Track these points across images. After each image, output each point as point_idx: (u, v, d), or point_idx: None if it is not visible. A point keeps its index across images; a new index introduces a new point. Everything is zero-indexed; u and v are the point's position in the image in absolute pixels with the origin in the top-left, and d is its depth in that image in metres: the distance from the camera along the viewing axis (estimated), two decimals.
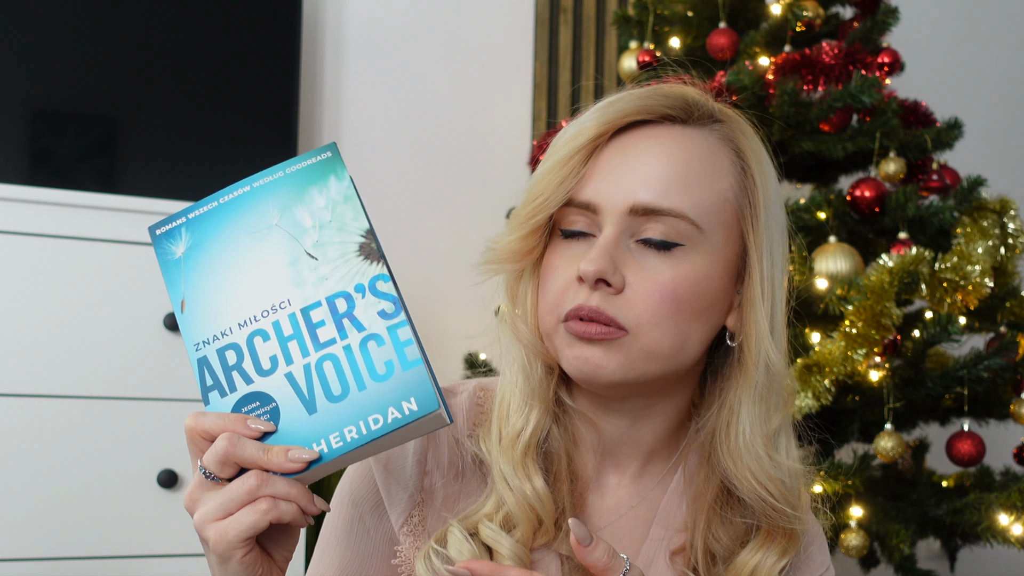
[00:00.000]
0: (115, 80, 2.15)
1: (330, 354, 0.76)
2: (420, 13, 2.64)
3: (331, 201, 0.79)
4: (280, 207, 0.79)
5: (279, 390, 0.76)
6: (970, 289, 1.80)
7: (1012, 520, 1.71)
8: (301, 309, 0.77)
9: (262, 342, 0.77)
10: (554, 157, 0.89)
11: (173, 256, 0.80)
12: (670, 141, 0.89)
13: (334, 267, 0.78)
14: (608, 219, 0.86)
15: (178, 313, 0.79)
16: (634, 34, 2.27)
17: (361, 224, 0.78)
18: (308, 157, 0.80)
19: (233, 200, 0.80)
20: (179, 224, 0.80)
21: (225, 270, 0.79)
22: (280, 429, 0.75)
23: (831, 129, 1.98)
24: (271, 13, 2.29)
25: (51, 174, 2.09)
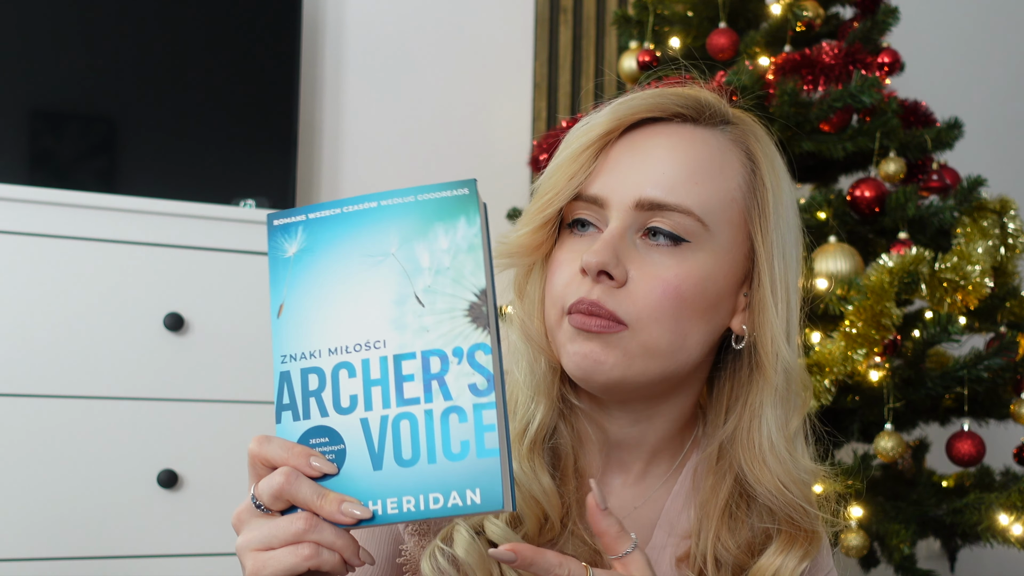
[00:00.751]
0: (115, 80, 2.15)
1: (410, 414, 0.72)
2: (420, 13, 2.64)
3: (455, 246, 0.74)
4: (401, 236, 0.74)
5: (351, 433, 0.73)
6: (970, 289, 1.80)
7: (1012, 520, 1.71)
8: (394, 355, 0.73)
9: (347, 377, 0.74)
10: (566, 152, 0.90)
11: (284, 253, 0.77)
12: (680, 139, 0.89)
13: (438, 320, 0.73)
14: (614, 213, 0.87)
15: (274, 317, 0.77)
16: (634, 34, 2.27)
17: (478, 281, 0.73)
18: (443, 188, 0.75)
19: (357, 213, 0.75)
20: (298, 221, 0.77)
21: (330, 286, 0.75)
22: (341, 473, 0.72)
23: (831, 129, 1.98)
24: (271, 14, 2.29)
25: (51, 174, 2.09)
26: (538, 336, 0.92)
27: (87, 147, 2.14)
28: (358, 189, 2.54)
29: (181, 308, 1.91)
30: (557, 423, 0.92)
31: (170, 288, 1.91)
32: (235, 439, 1.92)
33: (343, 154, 2.54)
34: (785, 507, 0.89)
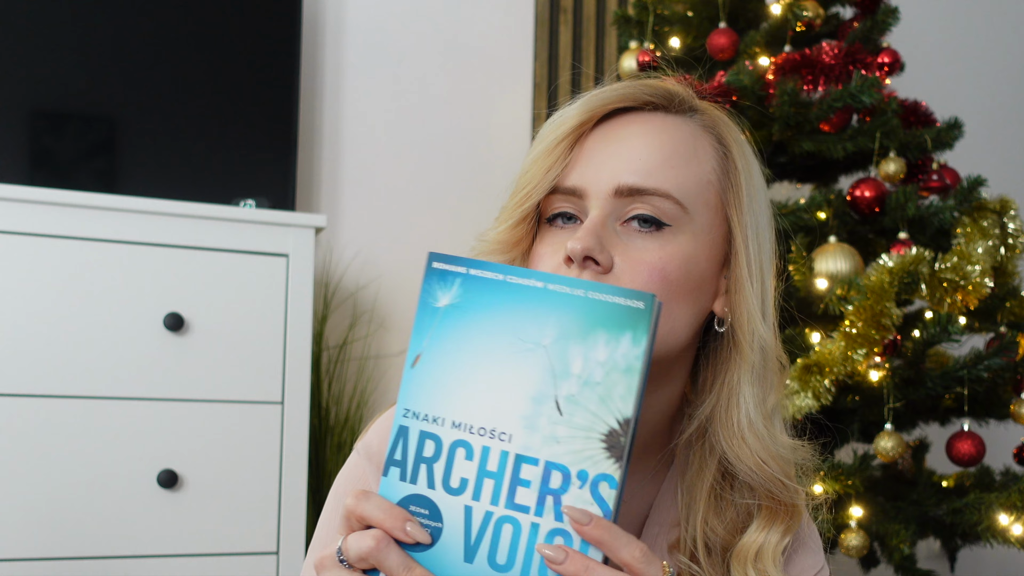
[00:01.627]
0: (115, 80, 2.15)
1: (516, 520, 0.69)
2: (420, 13, 2.64)
3: (612, 361, 0.69)
4: (559, 329, 0.70)
5: (452, 515, 0.70)
6: (970, 289, 1.80)
7: (1012, 520, 1.71)
8: (517, 454, 0.69)
9: (463, 457, 0.70)
10: (539, 146, 0.90)
11: (435, 301, 0.73)
12: (652, 126, 0.90)
13: (572, 436, 0.69)
14: (594, 202, 0.87)
15: (408, 366, 0.73)
16: (634, 34, 2.27)
17: (625, 408, 0.68)
18: (618, 293, 0.69)
19: (519, 287, 0.71)
20: (457, 272, 0.73)
21: (472, 355, 0.71)
22: (432, 551, 0.70)
23: (831, 129, 1.98)
24: (271, 13, 2.29)
25: (51, 174, 2.09)
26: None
27: (87, 147, 2.14)
28: (358, 189, 2.54)
29: (181, 308, 1.91)
30: None
31: (170, 288, 1.91)
32: (235, 439, 1.92)
33: (343, 154, 2.54)
34: (765, 483, 0.90)
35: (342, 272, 2.49)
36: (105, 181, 2.13)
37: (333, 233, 2.49)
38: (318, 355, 2.34)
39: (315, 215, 2.03)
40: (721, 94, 1.93)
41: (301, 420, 1.97)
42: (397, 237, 2.54)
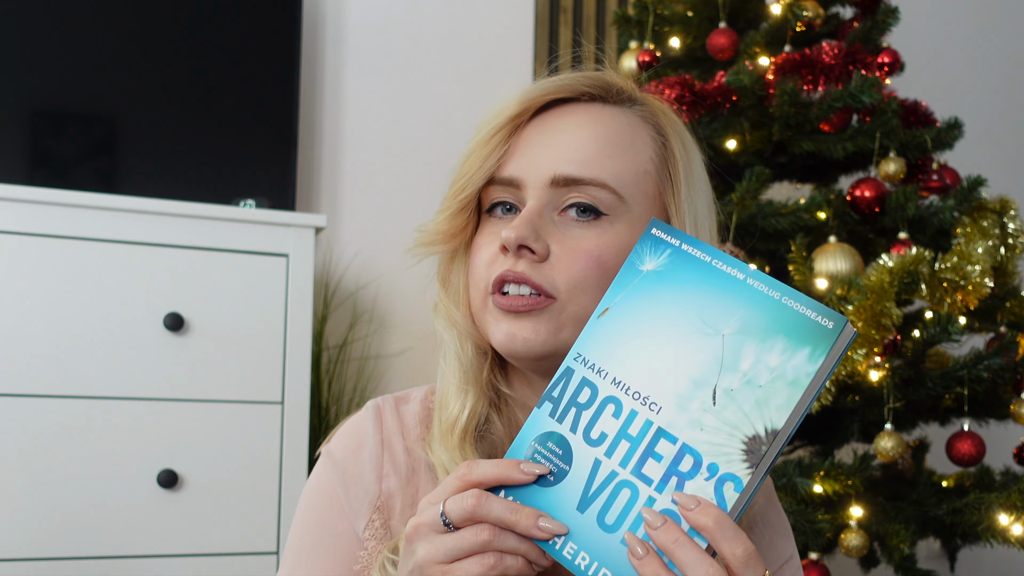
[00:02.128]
0: (115, 80, 2.15)
1: (635, 487, 0.71)
2: (420, 13, 2.64)
3: (782, 369, 0.69)
4: (742, 323, 0.71)
5: (582, 462, 0.73)
6: (970, 289, 1.80)
7: (1012, 520, 1.71)
8: (659, 427, 0.71)
9: (611, 414, 0.73)
10: (477, 137, 0.91)
11: (642, 264, 0.77)
12: (590, 116, 0.91)
13: (717, 428, 0.70)
14: (531, 192, 0.88)
15: (594, 316, 0.76)
16: (634, 34, 2.27)
17: (777, 419, 0.68)
18: (813, 307, 0.70)
19: (721, 273, 0.73)
20: (670, 243, 0.76)
21: (654, 324, 0.74)
22: (552, 490, 0.72)
23: (831, 129, 1.98)
24: (271, 13, 2.29)
25: (51, 174, 2.10)
26: (465, 322, 0.92)
27: (87, 147, 2.14)
28: (358, 189, 2.54)
29: (181, 308, 1.91)
30: (489, 413, 0.93)
31: (170, 288, 1.91)
32: (235, 439, 1.92)
33: (343, 154, 2.54)
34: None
35: (342, 272, 2.49)
36: (105, 181, 2.13)
37: (333, 233, 2.49)
38: (318, 355, 2.34)
39: (315, 215, 2.03)
40: (721, 94, 1.94)
41: (301, 420, 1.97)
42: (397, 237, 2.54)
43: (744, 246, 1.93)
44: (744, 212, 1.88)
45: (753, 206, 1.88)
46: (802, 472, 1.73)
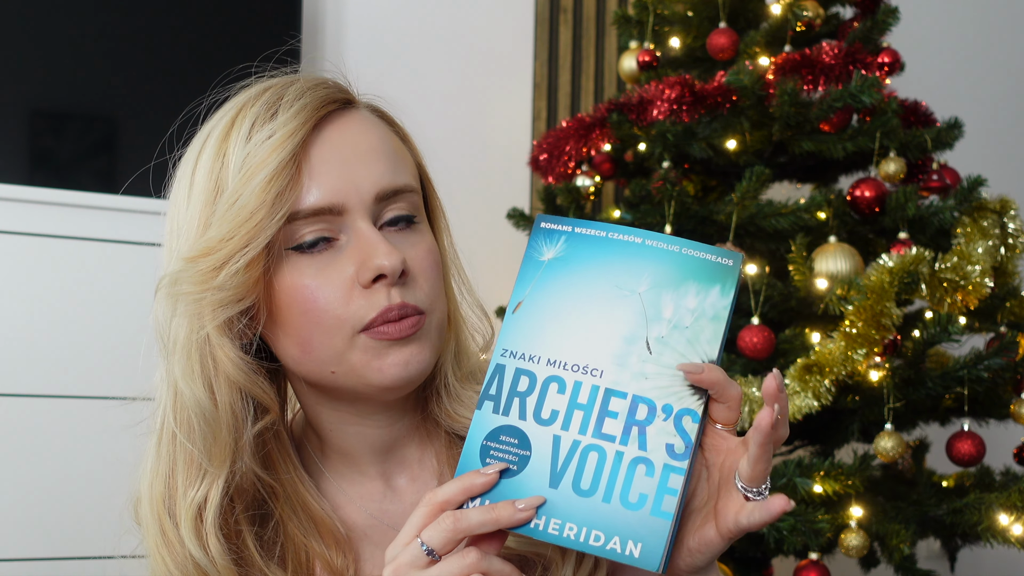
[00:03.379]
0: (115, 80, 2.15)
1: (601, 448, 0.73)
2: (420, 13, 2.64)
3: (700, 309, 0.75)
4: (653, 279, 0.76)
5: (541, 444, 0.74)
6: (970, 289, 1.80)
7: (1012, 520, 1.71)
8: (606, 388, 0.74)
9: (556, 391, 0.75)
10: (262, 172, 0.80)
11: (540, 256, 0.79)
12: (364, 124, 0.89)
13: (659, 372, 0.74)
14: (357, 214, 0.83)
15: (509, 311, 0.78)
16: (634, 34, 2.27)
17: (711, 351, 0.74)
18: (710, 251, 0.77)
19: (619, 242, 0.77)
20: (563, 230, 0.79)
21: (571, 301, 0.77)
22: (517, 478, 0.74)
23: (831, 129, 1.98)
24: (271, 13, 2.29)
25: (51, 174, 2.10)
26: (246, 374, 0.83)
27: (87, 147, 2.14)
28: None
29: None
30: (256, 487, 0.87)
31: None
32: None
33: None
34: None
35: None
36: (105, 181, 2.13)
37: None
38: None
39: None
40: (721, 94, 1.94)
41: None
42: None
43: (744, 246, 1.93)
44: (744, 212, 1.88)
45: (753, 206, 1.88)
46: (802, 472, 1.73)
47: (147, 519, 0.90)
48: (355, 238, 0.83)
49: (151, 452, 0.91)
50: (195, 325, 0.82)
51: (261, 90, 0.90)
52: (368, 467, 0.92)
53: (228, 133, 0.86)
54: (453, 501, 0.73)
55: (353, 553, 0.90)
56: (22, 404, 1.80)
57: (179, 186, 0.90)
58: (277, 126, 0.83)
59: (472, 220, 2.56)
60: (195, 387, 0.82)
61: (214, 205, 0.83)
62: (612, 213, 2.04)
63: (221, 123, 0.88)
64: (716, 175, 2.14)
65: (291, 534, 0.88)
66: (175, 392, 0.85)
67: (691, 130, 1.96)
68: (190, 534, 0.83)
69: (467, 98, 2.65)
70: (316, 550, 0.88)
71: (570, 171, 2.13)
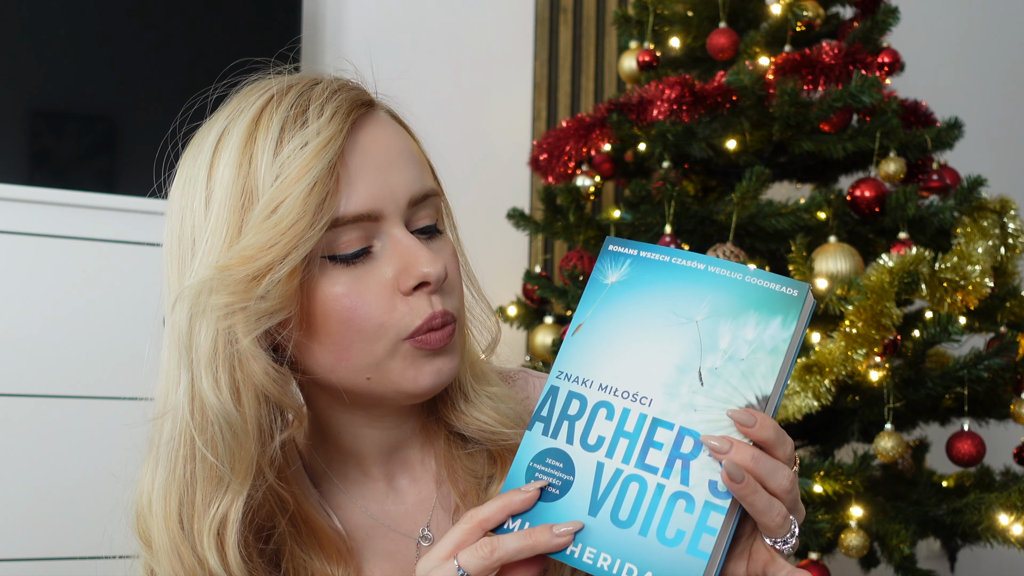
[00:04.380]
0: (115, 80, 2.15)
1: (643, 479, 0.72)
2: (420, 13, 2.64)
3: (759, 341, 0.72)
4: (712, 307, 0.74)
5: (584, 470, 0.73)
6: (970, 289, 1.80)
7: (1012, 520, 1.71)
8: (654, 418, 0.73)
9: (604, 417, 0.74)
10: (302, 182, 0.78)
11: (605, 279, 0.78)
12: (389, 127, 0.89)
13: (709, 406, 0.72)
14: (394, 220, 0.82)
15: (569, 334, 0.77)
16: (634, 34, 2.27)
17: (766, 386, 0.71)
18: (776, 280, 0.73)
19: (683, 268, 0.75)
20: (629, 254, 0.78)
21: (629, 327, 0.75)
22: (559, 503, 0.73)
23: (831, 129, 1.98)
24: (271, 13, 2.29)
25: (51, 174, 2.09)
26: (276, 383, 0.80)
27: (87, 147, 2.14)
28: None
29: None
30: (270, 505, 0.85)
31: None
32: None
33: None
34: (488, 436, 0.90)
35: None
36: (105, 181, 2.13)
37: None
38: None
39: None
40: (721, 94, 1.94)
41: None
42: None
43: (743, 246, 1.93)
44: (744, 212, 1.88)
45: (753, 206, 1.88)
46: (802, 472, 1.73)
47: (158, 536, 0.87)
48: (391, 244, 0.82)
49: (161, 465, 0.87)
50: (226, 336, 0.79)
51: (282, 90, 0.87)
52: (372, 467, 0.92)
53: (253, 135, 0.83)
54: (493, 520, 0.73)
55: (355, 563, 0.89)
56: (22, 404, 1.80)
57: (189, 188, 0.86)
58: (310, 134, 0.80)
59: (472, 220, 2.55)
60: (223, 399, 0.79)
61: (243, 212, 0.79)
62: (612, 213, 2.04)
63: (239, 124, 0.85)
64: (716, 175, 2.14)
65: (293, 552, 0.87)
66: (199, 404, 0.80)
67: (691, 130, 1.96)
68: (212, 551, 0.81)
69: (467, 98, 2.65)
70: (317, 567, 0.87)
71: (570, 171, 2.13)
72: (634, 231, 2.01)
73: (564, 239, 2.14)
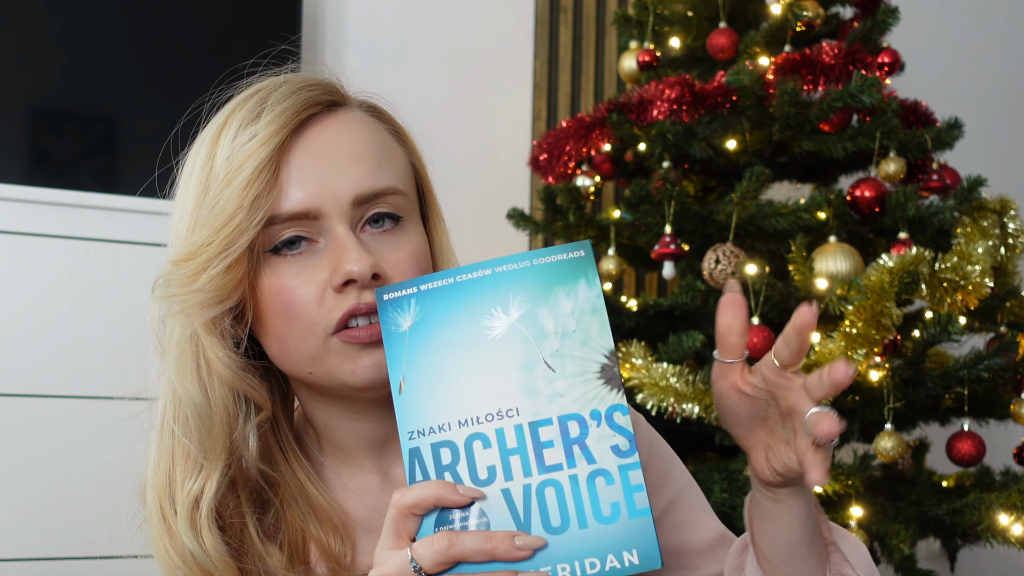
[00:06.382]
0: (115, 80, 2.15)
1: (554, 480, 0.71)
2: (420, 13, 2.64)
3: (578, 308, 0.73)
4: (520, 302, 0.74)
5: (493, 505, 0.71)
6: (970, 289, 1.80)
7: (1012, 520, 1.71)
8: (530, 423, 0.72)
9: (482, 448, 0.72)
10: (239, 177, 0.82)
11: (399, 328, 0.75)
12: (351, 124, 0.89)
13: (571, 384, 0.72)
14: (335, 219, 0.84)
15: (395, 394, 0.74)
16: (634, 34, 2.27)
17: (606, 343, 0.73)
18: (558, 252, 0.74)
19: (471, 281, 0.74)
20: (409, 294, 0.75)
21: (452, 357, 0.74)
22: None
23: (831, 129, 1.98)
24: (271, 13, 2.29)
25: (51, 174, 2.10)
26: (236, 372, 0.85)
27: (87, 147, 2.14)
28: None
29: None
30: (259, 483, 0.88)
31: None
32: None
33: None
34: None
35: None
36: (105, 181, 2.13)
37: None
38: None
39: None
40: (721, 94, 1.93)
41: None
42: None
43: (743, 246, 1.93)
44: (744, 212, 1.88)
45: (753, 206, 1.88)
46: None
47: (151, 508, 0.92)
48: (332, 242, 0.84)
49: (152, 445, 0.93)
50: (186, 325, 0.84)
51: (252, 92, 0.90)
52: (364, 460, 0.93)
53: (218, 136, 0.87)
54: (420, 506, 0.71)
55: (351, 540, 0.91)
56: (22, 404, 1.80)
57: (178, 188, 0.92)
58: (259, 129, 0.84)
59: (472, 220, 2.56)
60: (189, 385, 0.84)
61: (199, 206, 0.85)
62: (612, 213, 2.04)
63: (214, 125, 0.89)
64: (716, 175, 2.14)
65: (288, 519, 0.89)
66: (172, 389, 0.87)
67: (691, 130, 1.96)
68: (185, 525, 0.85)
69: (467, 98, 2.65)
70: (313, 534, 0.89)
71: (570, 171, 2.13)
72: (634, 231, 2.01)
73: (564, 239, 2.14)
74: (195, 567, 0.85)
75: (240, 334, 0.86)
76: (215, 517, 0.85)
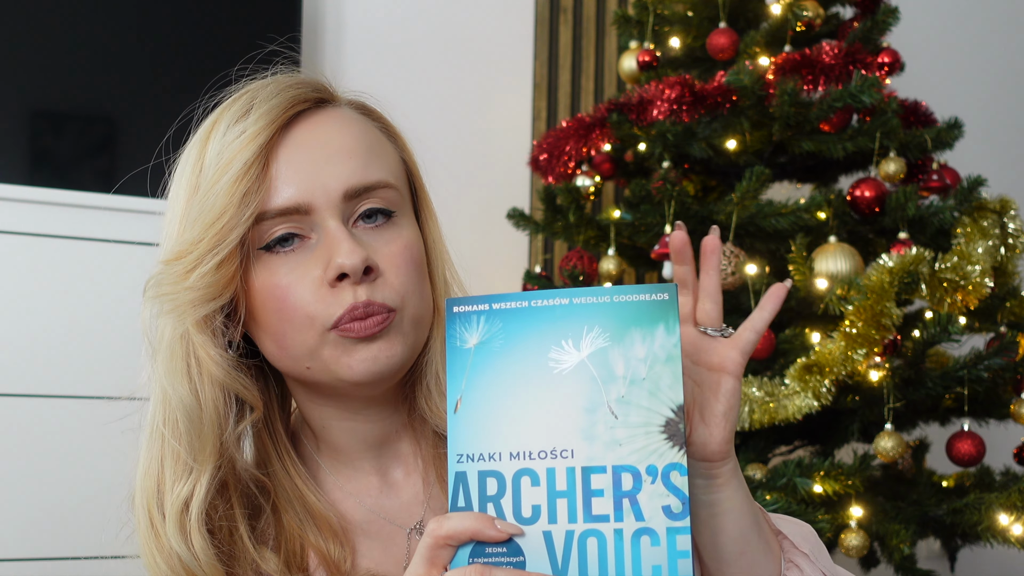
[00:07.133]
0: (115, 80, 2.15)
1: (598, 531, 0.68)
2: (420, 13, 2.64)
3: (652, 355, 0.70)
4: (594, 338, 0.71)
5: (532, 546, 0.68)
6: (970, 289, 1.80)
7: (1012, 520, 1.71)
8: (583, 467, 0.69)
9: (529, 485, 0.69)
10: (227, 174, 0.82)
11: (464, 343, 0.72)
12: (340, 120, 0.89)
13: (632, 435, 0.69)
14: (326, 213, 0.84)
15: (450, 412, 0.71)
16: (634, 34, 2.27)
17: (676, 396, 0.69)
18: (642, 291, 0.70)
19: (546, 308, 0.71)
20: (479, 310, 0.72)
21: (514, 384, 0.71)
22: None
23: (831, 129, 1.98)
24: (271, 13, 2.29)
25: (51, 174, 2.10)
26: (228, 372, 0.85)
27: (87, 147, 2.14)
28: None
29: None
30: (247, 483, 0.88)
31: None
32: None
33: None
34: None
35: None
36: (105, 181, 2.13)
37: None
38: None
39: None
40: (721, 94, 1.94)
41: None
42: None
43: (743, 246, 1.93)
44: (744, 212, 1.88)
45: (753, 206, 1.88)
46: (802, 472, 1.73)
47: (139, 513, 0.92)
48: (324, 237, 0.84)
49: (142, 449, 0.93)
50: (177, 324, 0.84)
51: (241, 92, 0.91)
52: (362, 462, 0.93)
53: (207, 136, 0.88)
54: (456, 537, 0.69)
55: (350, 544, 0.90)
56: (22, 404, 1.80)
57: (170, 190, 0.92)
58: (247, 126, 0.84)
59: (472, 220, 2.56)
60: (178, 385, 0.84)
61: (188, 206, 0.85)
62: (612, 213, 2.04)
63: (205, 126, 0.90)
64: (716, 175, 2.14)
65: (286, 525, 0.89)
66: (161, 391, 0.87)
67: (691, 130, 1.96)
68: (174, 529, 0.85)
69: (467, 98, 2.65)
70: (311, 541, 0.88)
71: (570, 171, 2.13)
72: (634, 231, 2.01)
73: (564, 239, 2.14)
74: (182, 572, 0.85)
75: (234, 334, 0.86)
76: (205, 520, 0.85)
